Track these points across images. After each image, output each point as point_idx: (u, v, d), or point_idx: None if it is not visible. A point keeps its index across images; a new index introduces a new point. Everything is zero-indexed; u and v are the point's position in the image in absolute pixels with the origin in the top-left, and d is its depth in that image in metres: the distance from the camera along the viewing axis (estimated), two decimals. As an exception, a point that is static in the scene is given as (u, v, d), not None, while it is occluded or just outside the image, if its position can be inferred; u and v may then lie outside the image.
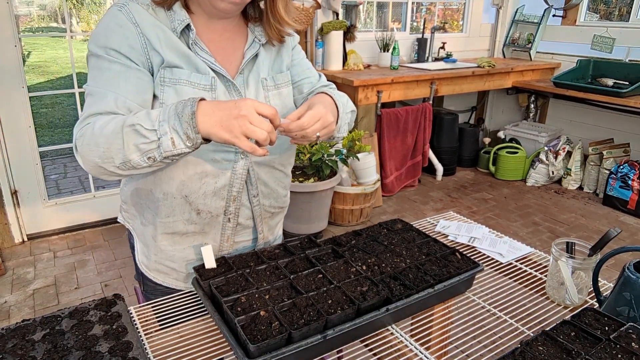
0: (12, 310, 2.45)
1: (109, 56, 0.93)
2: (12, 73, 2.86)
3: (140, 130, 0.83)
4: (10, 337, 0.84)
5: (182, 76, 0.96)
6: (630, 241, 3.25)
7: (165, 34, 0.96)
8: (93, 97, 0.92)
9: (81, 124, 0.91)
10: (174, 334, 0.90)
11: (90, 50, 0.94)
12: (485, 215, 3.65)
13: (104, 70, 0.93)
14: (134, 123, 0.83)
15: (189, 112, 0.81)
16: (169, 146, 0.83)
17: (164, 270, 1.13)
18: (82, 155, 0.89)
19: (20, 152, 3.01)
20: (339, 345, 0.87)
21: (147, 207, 1.08)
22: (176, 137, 0.82)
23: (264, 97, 1.06)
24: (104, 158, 0.86)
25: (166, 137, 0.82)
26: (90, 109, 0.91)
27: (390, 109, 3.69)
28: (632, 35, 3.86)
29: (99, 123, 0.87)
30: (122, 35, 0.93)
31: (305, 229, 3.10)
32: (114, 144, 0.84)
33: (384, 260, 1.03)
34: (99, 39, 0.93)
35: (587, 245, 1.04)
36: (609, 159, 3.87)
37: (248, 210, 1.11)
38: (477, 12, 4.65)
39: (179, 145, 0.83)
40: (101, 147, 0.85)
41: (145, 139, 0.83)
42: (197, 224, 1.07)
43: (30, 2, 11.55)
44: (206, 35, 1.02)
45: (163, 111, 0.84)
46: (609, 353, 0.78)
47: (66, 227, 3.28)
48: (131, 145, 0.83)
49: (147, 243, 1.12)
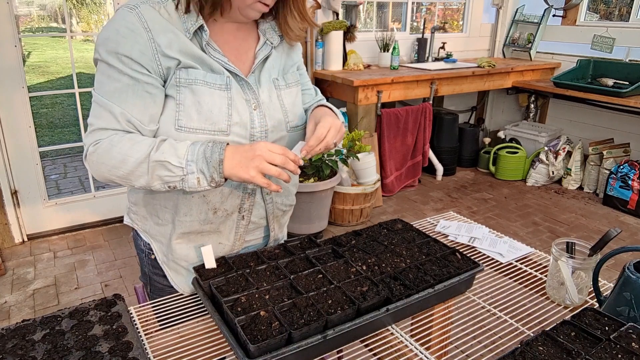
0: (12, 310, 2.45)
1: (120, 65, 0.92)
2: (12, 73, 2.86)
3: (168, 166, 0.90)
4: (10, 337, 0.84)
5: (198, 76, 0.96)
6: (630, 241, 3.25)
7: (178, 38, 0.95)
8: (100, 108, 0.94)
9: (91, 136, 0.95)
10: (174, 334, 0.90)
11: (101, 55, 0.94)
12: (485, 215, 3.65)
13: (113, 80, 0.93)
14: (162, 160, 0.90)
15: (217, 159, 0.90)
16: (194, 184, 0.91)
17: (179, 271, 1.13)
18: (94, 169, 0.95)
19: (20, 152, 3.01)
20: (339, 345, 0.87)
21: (163, 207, 1.08)
22: (202, 178, 0.91)
23: (276, 96, 1.07)
24: (122, 179, 0.94)
25: (192, 176, 0.91)
26: (98, 122, 0.94)
27: (390, 109, 3.69)
28: (632, 35, 3.86)
29: (115, 148, 0.92)
30: (134, 40, 0.92)
31: (305, 229, 3.10)
32: (137, 171, 0.92)
33: (384, 260, 1.03)
34: (109, 44, 0.92)
35: (587, 245, 1.04)
36: (609, 159, 3.87)
37: (262, 209, 1.13)
38: (477, 12, 4.65)
39: (203, 184, 0.92)
40: (121, 171, 0.92)
41: (172, 173, 0.91)
42: (213, 223, 1.08)
43: (30, 2, 11.56)
44: (219, 36, 1.03)
45: (191, 151, 0.91)
46: (609, 353, 0.78)
47: (66, 227, 3.28)
48: (156, 176, 0.91)
49: (165, 242, 1.12)
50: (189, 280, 1.12)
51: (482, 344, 0.93)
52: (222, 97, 0.98)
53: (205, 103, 0.96)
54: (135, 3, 0.95)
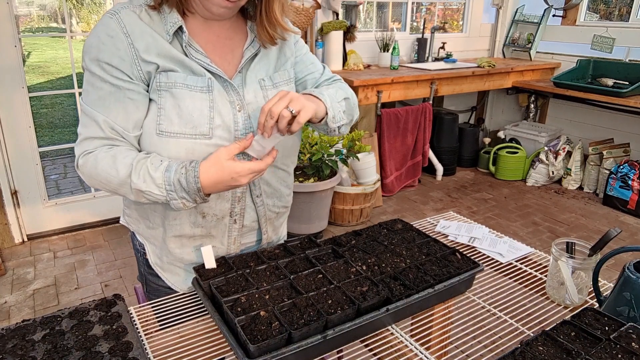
0: (12, 310, 2.45)
1: (101, 72, 0.93)
2: (12, 73, 2.86)
3: (150, 195, 0.94)
4: (10, 338, 0.84)
5: (177, 79, 0.96)
6: (630, 241, 3.25)
7: (156, 42, 0.95)
8: (86, 117, 0.96)
9: (80, 146, 0.98)
10: (174, 334, 0.90)
11: (85, 63, 0.95)
12: (485, 215, 3.65)
13: (96, 88, 0.94)
14: (143, 190, 0.93)
15: (194, 187, 0.92)
16: (179, 205, 0.94)
17: (176, 271, 1.13)
18: (87, 179, 1.00)
19: (20, 152, 3.01)
20: (339, 345, 0.87)
21: (152, 211, 1.08)
22: (186, 202, 0.94)
23: (262, 97, 1.05)
24: (113, 193, 0.99)
25: (177, 202, 0.94)
26: (85, 131, 0.97)
27: (390, 109, 3.69)
28: (632, 35, 3.86)
29: (100, 165, 0.95)
30: (113, 46, 0.92)
31: (305, 229, 3.10)
32: (122, 190, 0.96)
33: (384, 260, 1.03)
34: (92, 51, 0.93)
35: (587, 245, 1.04)
36: (609, 159, 3.87)
37: (253, 211, 1.11)
38: (477, 12, 4.65)
39: (189, 205, 0.95)
40: (108, 187, 0.97)
41: (156, 198, 0.94)
42: (204, 227, 1.07)
43: (30, 2, 11.56)
44: (203, 36, 1.01)
45: (167, 180, 0.92)
46: (609, 353, 0.78)
47: (66, 227, 3.28)
48: (142, 197, 0.95)
49: (158, 245, 1.12)
50: (187, 280, 1.12)
51: (482, 344, 0.93)
52: (203, 99, 0.97)
53: (185, 106, 0.95)
54: (117, 8, 0.95)
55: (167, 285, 1.14)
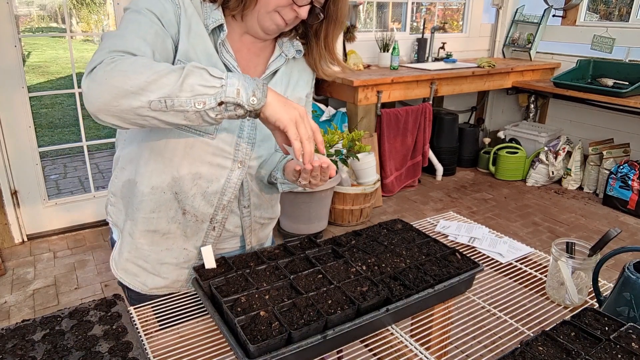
0: (12, 310, 2.45)
1: (145, 13, 0.90)
2: (12, 73, 2.86)
3: (205, 75, 0.79)
4: (10, 337, 0.84)
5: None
6: (630, 241, 3.25)
7: (199, 28, 0.95)
8: (116, 37, 0.86)
9: (105, 54, 0.82)
10: (174, 334, 0.90)
11: (127, 8, 0.92)
12: (485, 216, 3.65)
13: (134, 21, 0.89)
14: (201, 67, 0.80)
15: (260, 82, 0.83)
16: (232, 93, 0.80)
17: (132, 270, 1.12)
18: (100, 80, 0.79)
19: (20, 152, 3.01)
20: (339, 345, 0.87)
21: (131, 202, 1.07)
22: (243, 90, 0.80)
23: None
24: (139, 88, 0.77)
25: (232, 87, 0.80)
26: (115, 45, 0.84)
27: (390, 109, 3.69)
28: (632, 35, 3.86)
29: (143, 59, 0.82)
30: (162, 7, 0.92)
31: (305, 229, 3.10)
32: (166, 78, 0.78)
33: (384, 261, 1.03)
34: (139, 2, 0.91)
35: (587, 245, 1.04)
36: (609, 159, 3.87)
37: (237, 218, 1.12)
38: (477, 12, 4.65)
39: (243, 97, 0.80)
40: (141, 77, 0.78)
41: (207, 82, 0.79)
42: (181, 223, 1.06)
43: (30, 2, 11.56)
44: (234, 45, 1.02)
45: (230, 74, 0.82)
46: (609, 353, 0.78)
47: (66, 227, 3.28)
48: (188, 82, 0.79)
49: (127, 240, 1.11)
50: (146, 282, 1.12)
51: (482, 344, 0.93)
52: None
53: None
54: None
55: (129, 286, 1.13)
